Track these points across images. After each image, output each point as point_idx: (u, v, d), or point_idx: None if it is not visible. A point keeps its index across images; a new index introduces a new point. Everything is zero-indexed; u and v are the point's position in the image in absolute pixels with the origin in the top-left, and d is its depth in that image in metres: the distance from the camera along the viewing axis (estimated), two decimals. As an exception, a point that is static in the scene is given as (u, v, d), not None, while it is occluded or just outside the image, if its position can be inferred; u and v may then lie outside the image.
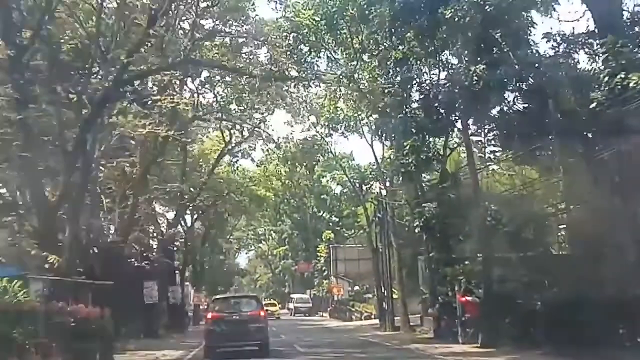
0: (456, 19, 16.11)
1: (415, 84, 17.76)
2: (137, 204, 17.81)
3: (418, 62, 19.48)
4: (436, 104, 16.87)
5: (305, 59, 25.72)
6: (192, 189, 32.63)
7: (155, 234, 25.70)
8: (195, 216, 43.32)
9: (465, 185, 20.34)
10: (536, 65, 16.64)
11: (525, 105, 17.53)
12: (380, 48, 21.06)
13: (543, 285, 17.76)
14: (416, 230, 20.56)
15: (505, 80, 16.53)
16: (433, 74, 18.36)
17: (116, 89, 14.34)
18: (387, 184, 30.22)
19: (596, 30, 17.09)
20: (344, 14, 23.73)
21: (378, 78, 26.51)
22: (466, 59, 16.74)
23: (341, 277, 48.42)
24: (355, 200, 42.40)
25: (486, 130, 18.63)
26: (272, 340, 21.34)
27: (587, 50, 17.96)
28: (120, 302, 23.72)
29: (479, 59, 16.40)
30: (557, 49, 17.75)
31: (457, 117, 17.63)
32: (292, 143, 40.70)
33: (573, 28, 21.80)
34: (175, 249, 39.22)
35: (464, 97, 16.76)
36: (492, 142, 19.83)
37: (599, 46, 16.47)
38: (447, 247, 20.00)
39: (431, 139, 19.88)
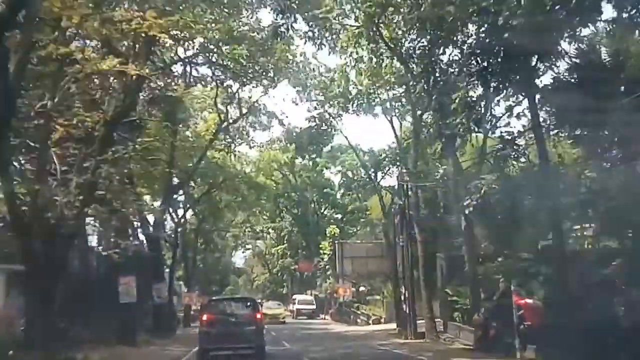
0: None
1: (472, 12, 13.11)
2: (98, 169, 13.30)
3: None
4: (504, 35, 12.35)
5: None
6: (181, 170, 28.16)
7: (135, 220, 20.90)
8: (187, 206, 38.88)
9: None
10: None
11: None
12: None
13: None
14: (466, 212, 15.98)
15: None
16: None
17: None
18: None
19: None
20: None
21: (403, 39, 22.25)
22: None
23: (346, 277, 44.01)
24: (367, 191, 37.87)
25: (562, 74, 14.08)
26: (275, 350, 19.88)
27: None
28: (82, 299, 19.50)
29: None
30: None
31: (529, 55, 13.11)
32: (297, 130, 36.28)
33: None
34: (166, 242, 34.77)
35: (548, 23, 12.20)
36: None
37: None
38: (510, 233, 15.46)
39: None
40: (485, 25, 12.85)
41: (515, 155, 14.90)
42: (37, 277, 13.72)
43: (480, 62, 13.80)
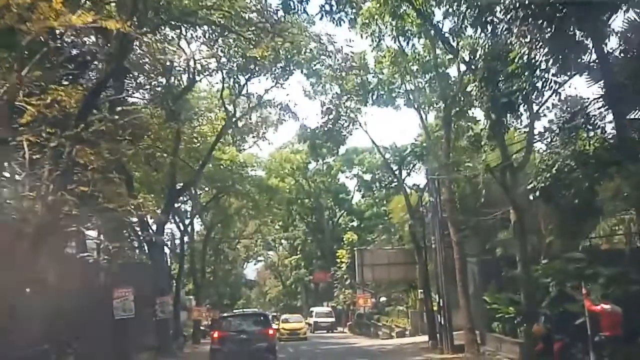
0: None
1: None
2: (71, 155, 10.58)
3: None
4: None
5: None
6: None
7: (128, 219, 18.05)
8: (194, 213, 36.17)
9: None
10: None
11: None
12: None
13: None
14: (531, 197, 13.08)
15: None
16: None
17: None
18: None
19: None
20: None
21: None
22: None
23: (366, 286, 41.13)
24: (389, 190, 35.04)
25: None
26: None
27: None
28: (69, 316, 16.78)
29: None
30: None
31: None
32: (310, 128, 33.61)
33: None
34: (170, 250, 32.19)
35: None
36: None
37: None
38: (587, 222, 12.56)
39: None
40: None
41: (588, 128, 12.06)
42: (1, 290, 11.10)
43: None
